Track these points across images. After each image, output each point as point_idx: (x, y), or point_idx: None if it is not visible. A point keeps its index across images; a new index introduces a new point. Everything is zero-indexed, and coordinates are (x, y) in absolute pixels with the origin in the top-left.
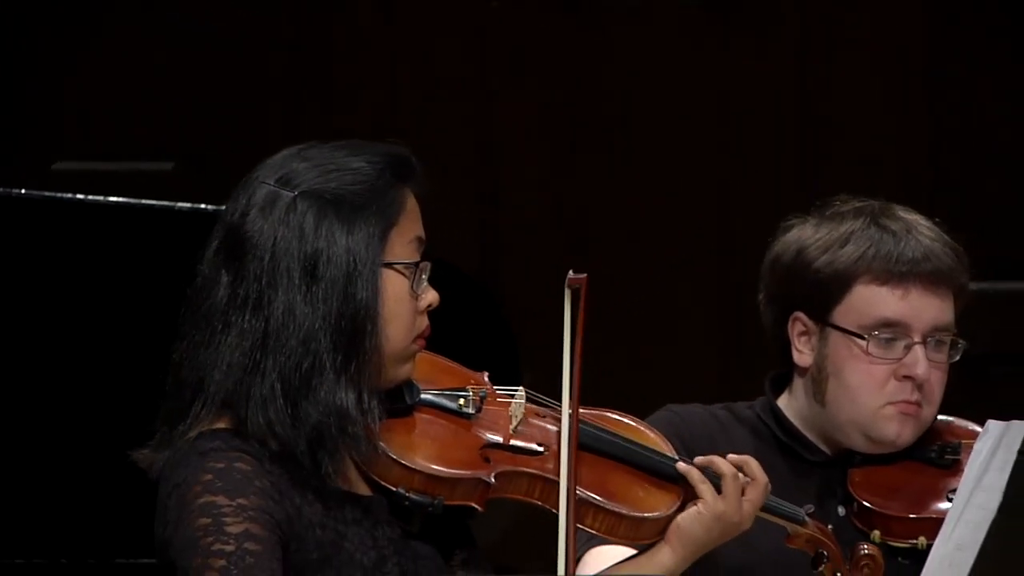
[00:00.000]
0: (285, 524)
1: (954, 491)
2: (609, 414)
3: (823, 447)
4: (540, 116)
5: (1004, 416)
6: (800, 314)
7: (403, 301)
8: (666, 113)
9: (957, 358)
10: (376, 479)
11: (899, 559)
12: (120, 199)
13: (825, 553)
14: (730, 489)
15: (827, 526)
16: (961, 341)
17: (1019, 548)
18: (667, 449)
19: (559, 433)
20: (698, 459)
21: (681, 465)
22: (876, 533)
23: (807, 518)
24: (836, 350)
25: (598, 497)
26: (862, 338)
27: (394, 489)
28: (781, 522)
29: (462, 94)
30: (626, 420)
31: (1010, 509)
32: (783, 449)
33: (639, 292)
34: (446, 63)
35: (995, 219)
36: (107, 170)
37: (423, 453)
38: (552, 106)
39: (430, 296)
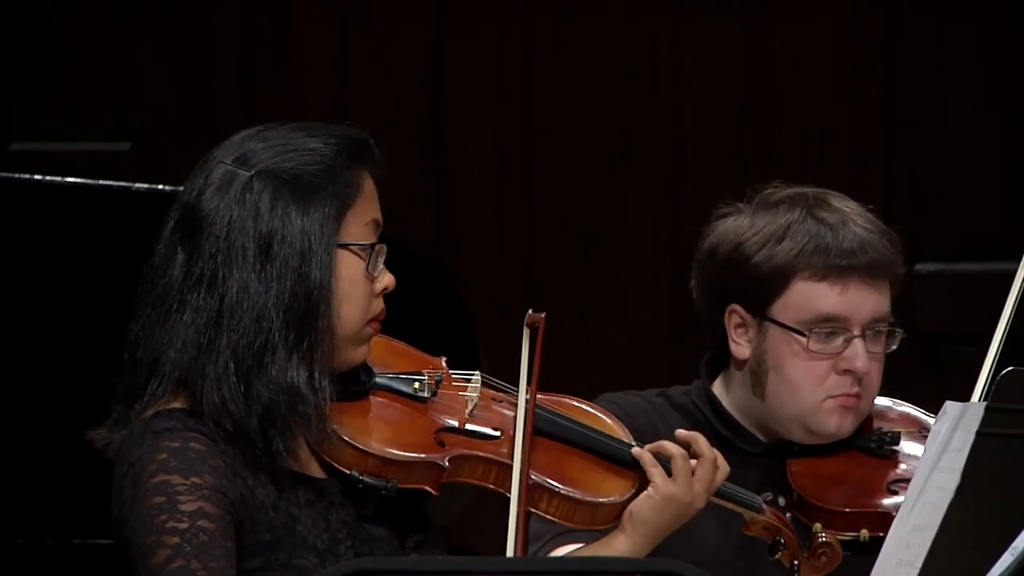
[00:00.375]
0: (239, 504)
1: (895, 483)
2: (566, 400)
3: (760, 437)
4: (495, 99)
5: (959, 397)
6: (737, 307)
7: (357, 283)
8: (618, 93)
9: (895, 347)
10: (330, 462)
11: None
12: (77, 180)
13: (782, 540)
14: (679, 470)
15: (785, 515)
16: (898, 330)
17: (977, 529)
18: (623, 435)
19: (515, 418)
20: (649, 445)
21: (635, 450)
22: (817, 525)
23: (764, 505)
24: (775, 345)
25: (553, 482)
26: (802, 334)
27: (348, 472)
28: (738, 509)
29: (415, 75)
30: (583, 406)
31: (968, 490)
32: (720, 439)
33: (593, 276)
34: (399, 47)
35: (949, 200)
36: (64, 151)
37: (377, 436)
38: (506, 88)
39: (386, 279)
